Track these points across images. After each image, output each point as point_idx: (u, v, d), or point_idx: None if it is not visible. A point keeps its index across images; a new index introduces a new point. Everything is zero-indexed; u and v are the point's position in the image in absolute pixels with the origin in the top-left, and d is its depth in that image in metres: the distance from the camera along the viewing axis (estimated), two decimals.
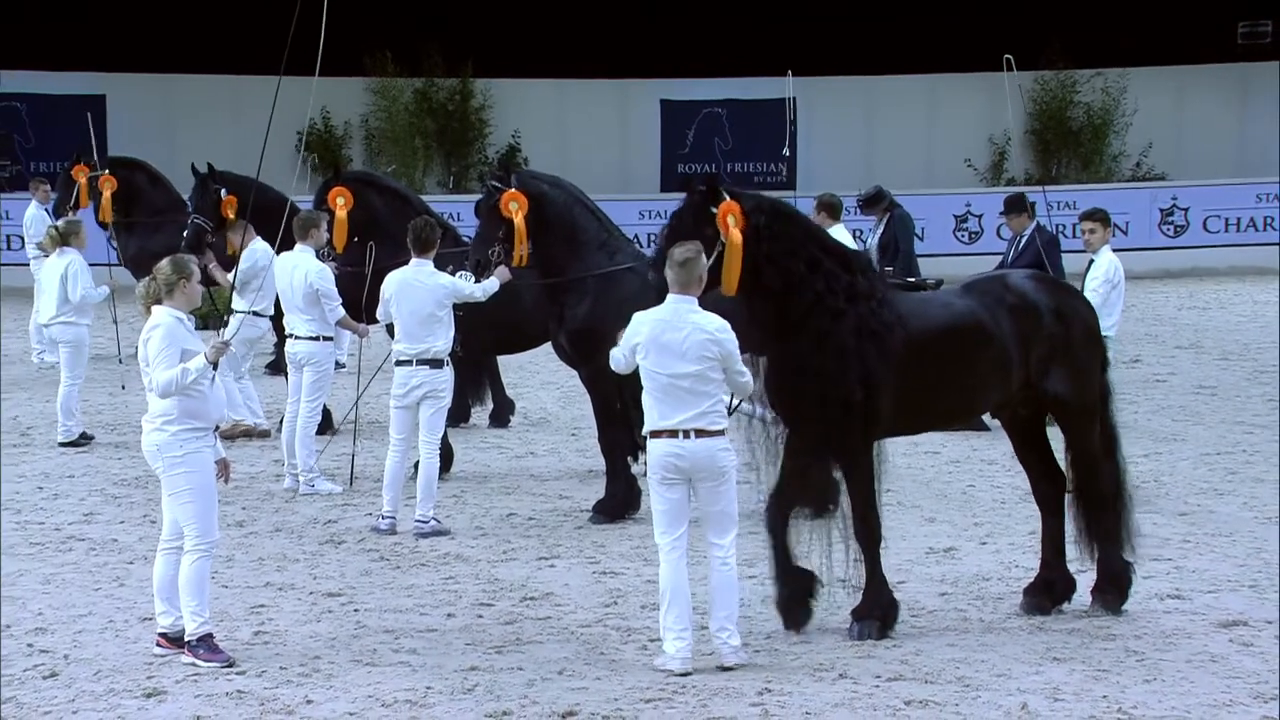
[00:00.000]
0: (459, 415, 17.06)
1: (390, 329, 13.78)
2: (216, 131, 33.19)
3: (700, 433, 9.80)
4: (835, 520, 10.79)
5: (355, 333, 15.74)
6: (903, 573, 11.80)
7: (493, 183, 14.04)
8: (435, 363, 13.49)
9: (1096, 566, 11.09)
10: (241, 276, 16.36)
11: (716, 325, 9.84)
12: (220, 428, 10.46)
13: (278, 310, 16.28)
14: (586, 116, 38.21)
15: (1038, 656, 10.10)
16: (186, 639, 10.10)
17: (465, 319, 14.03)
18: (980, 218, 35.02)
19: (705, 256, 9.99)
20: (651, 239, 26.94)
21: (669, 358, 9.80)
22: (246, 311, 16.38)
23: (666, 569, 9.88)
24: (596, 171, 33.06)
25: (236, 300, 16.28)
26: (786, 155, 32.02)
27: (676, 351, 9.79)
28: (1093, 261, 16.37)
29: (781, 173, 36.16)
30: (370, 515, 13.95)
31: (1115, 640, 10.44)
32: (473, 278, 13.80)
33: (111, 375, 20.71)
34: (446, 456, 14.90)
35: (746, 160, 37.99)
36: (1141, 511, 11.94)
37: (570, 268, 13.97)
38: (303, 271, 15.02)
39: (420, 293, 13.48)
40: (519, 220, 13.70)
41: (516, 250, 13.73)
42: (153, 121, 35.35)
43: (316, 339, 15.17)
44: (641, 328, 9.93)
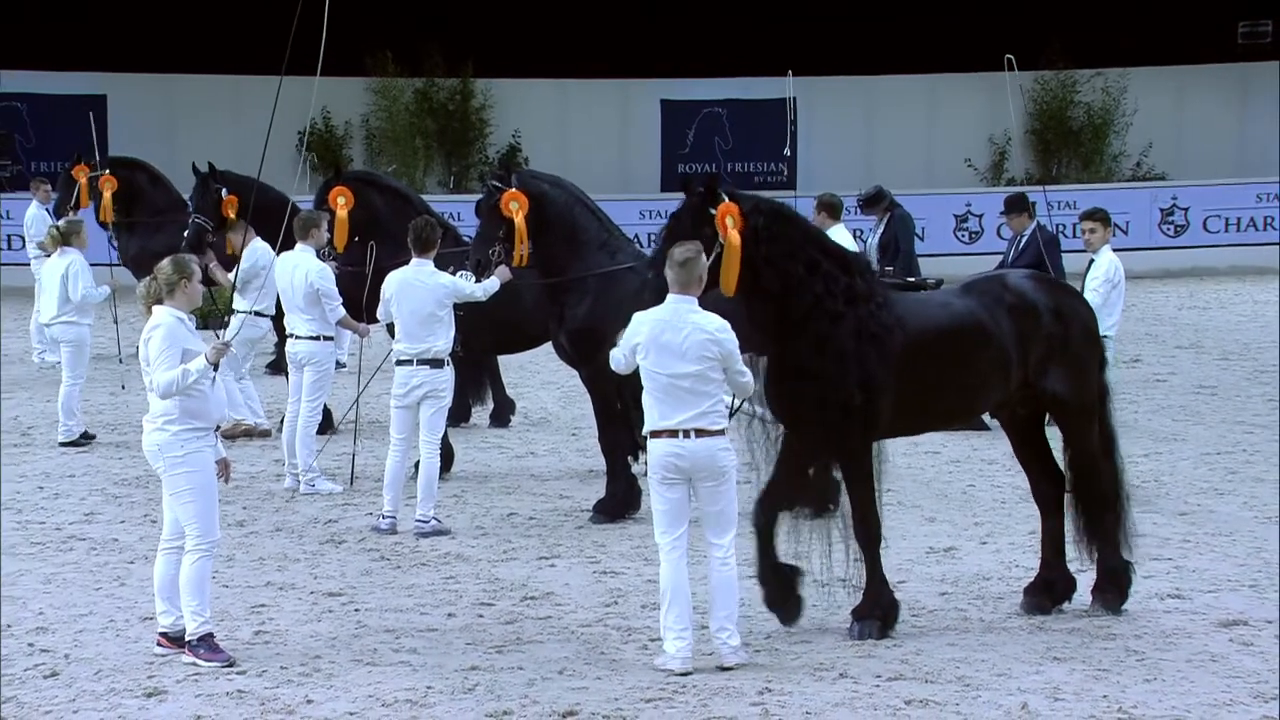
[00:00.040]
0: (459, 415, 17.06)
1: (391, 329, 13.79)
2: (217, 131, 33.20)
3: (700, 432, 9.81)
4: (835, 520, 10.81)
5: (356, 332, 15.75)
6: (903, 572, 11.81)
7: (493, 182, 14.04)
8: (436, 362, 13.49)
9: (1096, 566, 11.10)
10: (243, 276, 16.36)
11: (717, 325, 9.84)
12: (221, 427, 10.47)
13: (278, 310, 16.29)
14: (587, 116, 38.22)
15: (1038, 656, 10.11)
16: (187, 638, 10.11)
17: (466, 319, 14.04)
18: (980, 217, 35.02)
19: (705, 256, 9.99)
20: (652, 239, 26.93)
21: (669, 358, 9.81)
22: (248, 311, 16.38)
23: (667, 569, 9.89)
24: (597, 171, 33.07)
25: (238, 300, 16.30)
26: (788, 155, 32.04)
27: (677, 351, 9.80)
28: (1093, 261, 16.37)
29: (782, 173, 36.19)
30: (371, 515, 13.96)
31: (1115, 640, 10.45)
32: (473, 277, 13.80)
33: (112, 375, 20.72)
34: (447, 456, 14.90)
35: (747, 160, 38.00)
36: (1142, 511, 11.96)
37: (571, 267, 13.97)
38: (303, 271, 15.02)
39: (421, 292, 13.48)
40: (519, 220, 13.70)
41: (517, 250, 13.73)
42: (153, 121, 35.36)
43: (317, 339, 15.17)
44: (641, 328, 9.93)
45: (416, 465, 13.77)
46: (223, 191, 18.40)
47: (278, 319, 16.83)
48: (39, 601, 11.50)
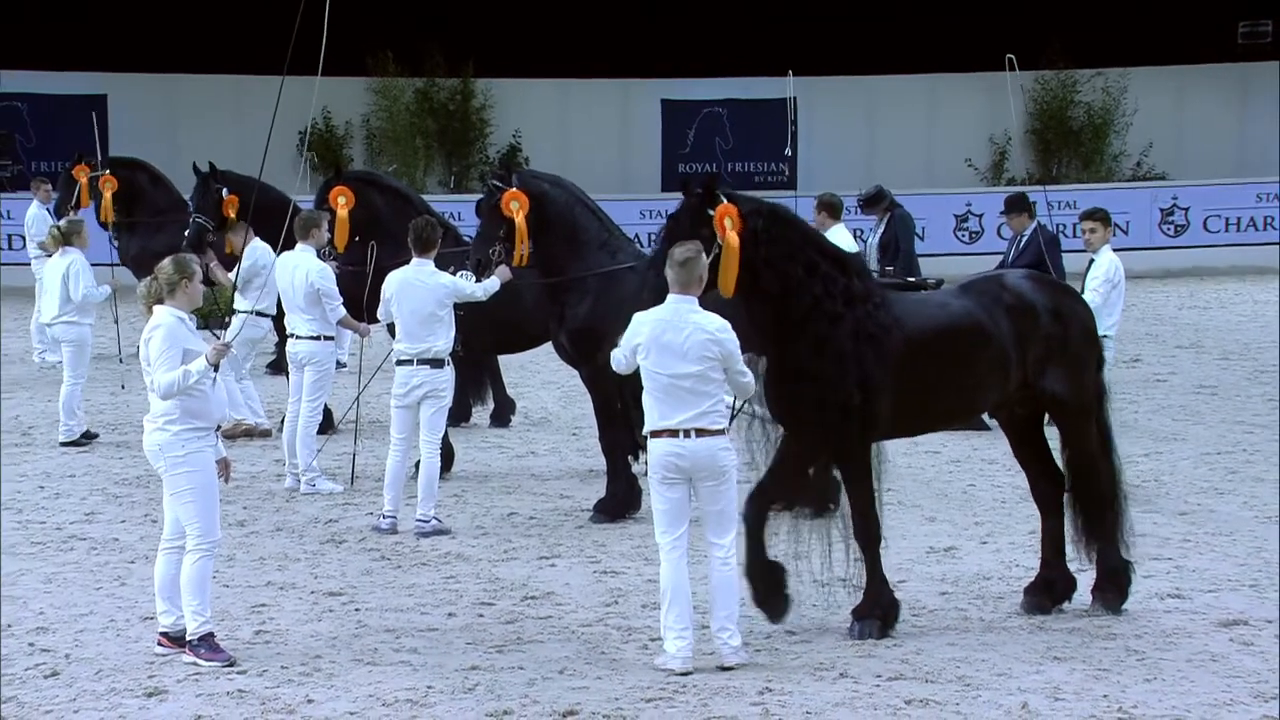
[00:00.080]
0: (460, 415, 17.06)
1: (391, 328, 13.79)
2: (218, 131, 33.20)
3: (701, 432, 9.81)
4: (835, 520, 10.81)
5: (356, 332, 15.76)
6: (903, 572, 11.82)
7: (494, 182, 14.05)
8: (436, 362, 13.50)
9: (1096, 566, 11.10)
10: (243, 275, 16.37)
11: (717, 325, 9.84)
12: (222, 427, 10.47)
13: (279, 310, 16.30)
14: (587, 116, 38.22)
15: (1038, 656, 10.11)
16: (188, 638, 10.11)
17: (466, 318, 14.04)
18: (981, 217, 35.02)
19: (705, 256, 10.00)
20: (652, 239, 26.94)
21: (670, 358, 9.81)
22: (249, 311, 16.38)
23: (667, 568, 9.89)
24: (597, 171, 33.07)
25: (239, 300, 16.31)
26: (789, 155, 32.04)
27: (677, 351, 9.80)
28: (1093, 261, 16.37)
29: (783, 172, 36.20)
30: (371, 515, 13.96)
31: (1116, 639, 10.45)
32: (473, 277, 13.81)
33: (112, 375, 20.72)
34: (447, 456, 14.91)
35: (747, 160, 38.01)
36: (1142, 511, 11.97)
37: (571, 267, 13.98)
38: (304, 271, 15.02)
39: (421, 292, 13.49)
40: (520, 219, 13.71)
41: (517, 250, 13.73)
42: (154, 121, 35.36)
43: (318, 338, 15.18)
44: (642, 328, 9.94)
45: (417, 465, 13.78)
46: (223, 191, 18.41)
47: (278, 319, 16.83)
48: (39, 601, 11.50)
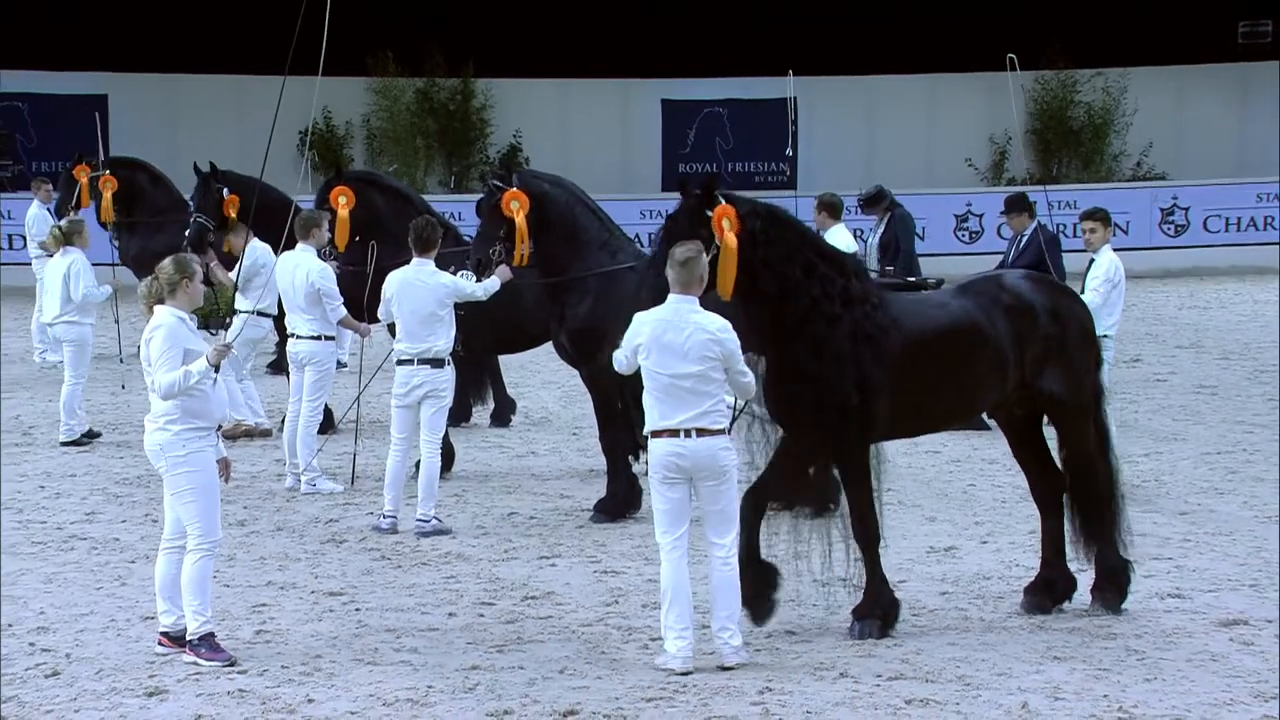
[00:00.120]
0: (460, 414, 17.07)
1: (391, 328, 13.80)
2: (218, 131, 33.22)
3: (701, 432, 9.82)
4: (835, 520, 10.81)
5: (357, 332, 15.77)
6: (903, 572, 11.82)
7: (494, 182, 14.05)
8: (436, 362, 13.50)
9: (1095, 566, 11.11)
10: (244, 275, 16.39)
11: (718, 325, 9.85)
12: (222, 427, 10.48)
13: (279, 310, 16.30)
14: (588, 116, 38.23)
15: (1038, 655, 10.12)
16: (188, 638, 10.12)
17: (466, 318, 14.04)
18: (981, 217, 35.03)
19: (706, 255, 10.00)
20: (652, 239, 26.95)
21: (671, 358, 9.82)
22: (250, 311, 16.38)
23: (667, 568, 9.90)
24: (598, 171, 33.07)
25: (240, 300, 16.31)
26: (789, 155, 32.03)
27: (678, 351, 9.80)
28: (1093, 261, 16.35)
29: (784, 172, 36.20)
30: (372, 514, 13.97)
31: (1116, 639, 10.46)
32: (474, 277, 13.81)
33: (113, 374, 20.73)
34: (448, 456, 14.92)
35: (747, 160, 38.03)
36: (1142, 511, 11.98)
37: (571, 267, 13.98)
38: (304, 271, 15.02)
39: (421, 292, 13.49)
40: (520, 219, 13.71)
41: (518, 249, 13.74)
42: (155, 121, 35.36)
43: (318, 338, 15.18)
44: (643, 328, 9.94)
45: (417, 465, 13.79)
46: (224, 191, 18.41)
47: (279, 319, 16.84)
48: (40, 601, 11.51)
